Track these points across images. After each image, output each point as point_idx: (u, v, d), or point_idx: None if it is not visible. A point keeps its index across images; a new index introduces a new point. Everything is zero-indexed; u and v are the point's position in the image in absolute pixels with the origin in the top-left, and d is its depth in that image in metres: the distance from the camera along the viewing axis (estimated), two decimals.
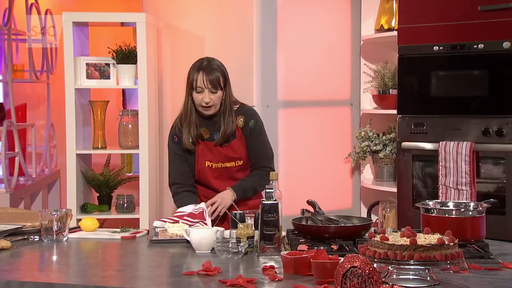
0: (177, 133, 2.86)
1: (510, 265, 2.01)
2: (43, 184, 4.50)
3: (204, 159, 2.81)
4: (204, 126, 2.81)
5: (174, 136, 2.87)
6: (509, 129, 3.23)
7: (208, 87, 2.72)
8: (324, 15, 3.97)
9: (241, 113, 2.83)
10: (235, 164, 2.82)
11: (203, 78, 2.71)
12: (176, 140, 2.86)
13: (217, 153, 2.80)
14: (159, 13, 4.00)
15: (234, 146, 2.80)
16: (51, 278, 2.01)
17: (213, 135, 2.80)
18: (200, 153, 2.82)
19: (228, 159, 2.80)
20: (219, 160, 2.80)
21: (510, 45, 3.21)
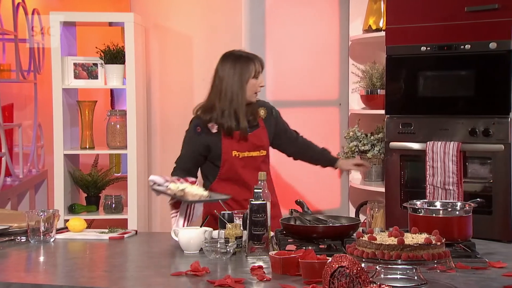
0: (200, 123, 2.85)
1: (496, 264, 2.03)
2: (30, 184, 4.47)
3: (232, 148, 2.82)
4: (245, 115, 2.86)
5: (198, 126, 2.86)
6: (496, 129, 3.25)
7: (261, 71, 2.85)
8: (312, 15, 3.98)
9: (260, 105, 2.93)
10: (260, 153, 2.88)
11: (257, 64, 2.84)
12: (199, 131, 2.85)
13: (243, 142, 2.83)
14: (147, 13, 3.99)
15: (258, 135, 2.87)
16: (38, 279, 2.00)
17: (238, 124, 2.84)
18: (227, 144, 2.82)
19: (253, 147, 2.85)
20: (246, 149, 2.84)
21: (496, 46, 3.23)
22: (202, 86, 4.01)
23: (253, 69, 2.82)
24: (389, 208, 3.51)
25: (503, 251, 2.27)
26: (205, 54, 3.95)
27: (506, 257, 2.15)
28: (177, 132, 4.02)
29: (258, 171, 2.76)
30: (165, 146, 4.03)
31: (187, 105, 4.00)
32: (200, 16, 3.93)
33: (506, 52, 3.22)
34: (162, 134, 4.03)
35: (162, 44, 4.00)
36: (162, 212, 4.04)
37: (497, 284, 1.82)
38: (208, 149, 2.84)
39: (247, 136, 2.83)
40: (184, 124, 4.01)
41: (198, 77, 3.99)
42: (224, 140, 2.82)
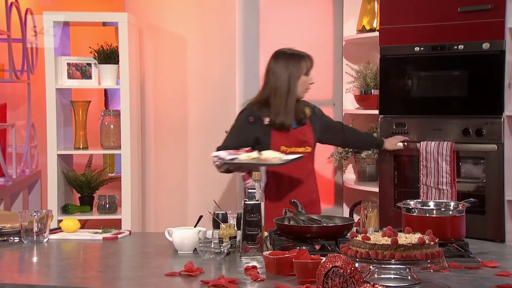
0: (254, 114, 2.90)
1: (489, 264, 2.04)
2: (23, 185, 4.45)
3: (280, 143, 2.88)
4: None
5: (251, 116, 2.91)
6: (489, 129, 3.26)
7: (311, 68, 2.97)
8: (306, 15, 3.98)
9: (305, 104, 3.03)
10: (305, 149, 2.93)
11: (308, 61, 2.96)
12: (251, 121, 2.91)
13: (290, 137, 2.91)
14: (141, 13, 3.98)
15: (304, 132, 2.96)
16: (31, 280, 2.00)
17: None
18: (276, 137, 2.89)
19: (299, 143, 2.93)
20: (293, 144, 2.91)
21: (489, 46, 3.25)
22: (196, 86, 4.02)
23: (305, 66, 2.94)
24: (383, 208, 3.52)
25: (496, 251, 2.28)
26: (199, 54, 3.95)
27: (499, 257, 2.16)
28: (171, 131, 4.04)
29: (302, 167, 2.93)
30: (159, 145, 4.03)
31: (181, 105, 4.01)
32: (194, 16, 3.93)
33: (499, 53, 3.23)
34: (156, 134, 4.03)
35: (156, 44, 4.00)
36: (156, 212, 4.03)
37: (490, 284, 1.83)
38: (257, 140, 2.90)
39: (294, 131, 2.92)
40: (178, 123, 4.02)
41: (192, 77, 3.99)
42: (273, 133, 2.89)
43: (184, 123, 4.00)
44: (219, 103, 3.96)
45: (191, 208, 3.96)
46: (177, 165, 4.00)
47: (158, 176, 4.02)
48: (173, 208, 3.98)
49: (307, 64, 2.96)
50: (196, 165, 3.99)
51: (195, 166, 3.99)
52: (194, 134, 4.00)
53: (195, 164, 3.99)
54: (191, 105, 3.99)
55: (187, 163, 4.00)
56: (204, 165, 3.99)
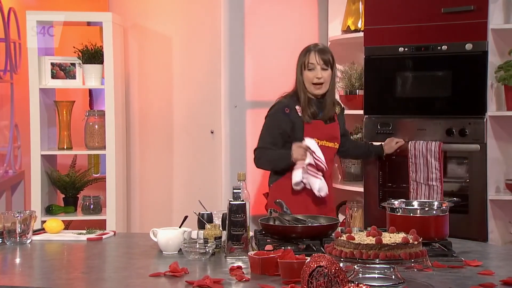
0: (289, 105, 2.95)
1: (472, 263, 2.05)
2: (6, 185, 4.41)
3: (313, 135, 2.90)
4: (313, 105, 2.98)
5: (286, 107, 2.96)
6: (472, 129, 3.29)
7: (320, 63, 2.93)
8: (291, 16, 3.99)
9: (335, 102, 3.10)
10: (334, 145, 3.01)
11: (316, 55, 2.93)
12: (287, 112, 2.95)
13: (323, 131, 2.96)
14: (125, 13, 3.97)
15: (334, 128, 3.02)
16: (14, 281, 1.98)
17: (319, 114, 2.97)
18: (309, 130, 2.92)
19: (331, 138, 2.99)
20: (325, 138, 2.96)
21: (472, 47, 3.27)
22: (181, 86, 4.01)
23: (304, 60, 2.94)
24: (368, 207, 3.54)
25: (478, 250, 2.30)
26: (184, 54, 3.94)
27: (481, 256, 2.18)
28: (156, 131, 4.02)
29: (331, 162, 3.01)
30: (144, 146, 4.01)
31: (166, 105, 3.99)
32: (179, 16, 3.92)
33: (482, 53, 3.26)
34: (141, 134, 4.01)
35: (140, 44, 3.98)
36: (141, 213, 4.02)
37: (472, 283, 1.84)
38: (293, 129, 2.93)
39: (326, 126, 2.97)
40: (163, 123, 4.01)
41: (177, 77, 3.98)
42: (306, 125, 2.94)
43: (169, 123, 3.99)
44: (204, 102, 3.95)
45: (176, 209, 3.95)
46: (162, 166, 3.99)
47: (143, 177, 4.00)
48: (158, 209, 3.97)
49: (308, 58, 2.94)
50: (181, 165, 3.98)
51: (180, 166, 3.98)
52: (179, 134, 3.99)
53: (180, 164, 3.98)
54: (176, 105, 3.98)
55: (172, 163, 3.99)
56: (189, 165, 3.99)
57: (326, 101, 2.98)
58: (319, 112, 2.98)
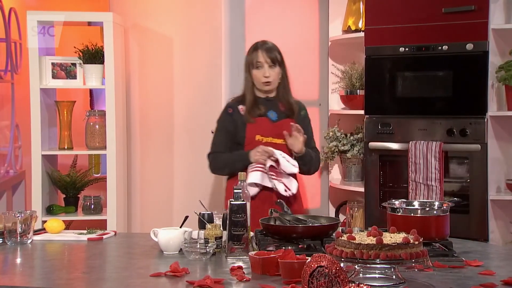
0: (232, 105, 2.98)
1: (473, 263, 2.05)
2: (7, 185, 4.41)
3: (255, 132, 2.90)
4: (260, 104, 2.95)
5: (229, 108, 2.99)
6: (473, 129, 3.29)
7: (267, 62, 2.91)
8: (292, 16, 3.99)
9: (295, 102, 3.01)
10: (283, 142, 2.92)
11: (263, 54, 2.92)
12: (230, 112, 2.97)
13: (268, 128, 2.92)
14: (126, 13, 3.97)
15: (286, 124, 2.92)
16: (15, 281, 1.98)
17: (267, 112, 2.94)
18: (251, 128, 2.91)
19: (278, 135, 2.91)
20: (270, 134, 2.92)
21: (473, 47, 3.28)
22: (182, 87, 4.01)
23: (252, 59, 2.93)
24: (368, 207, 3.54)
25: (479, 250, 2.30)
26: (185, 54, 3.94)
27: (482, 256, 2.18)
28: (157, 132, 4.02)
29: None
30: (144, 146, 4.01)
31: (166, 105, 3.99)
32: (180, 16, 3.92)
33: (483, 53, 3.27)
34: (141, 134, 4.01)
35: (141, 44, 3.98)
36: (142, 213, 4.02)
37: (473, 283, 1.84)
38: (236, 128, 2.94)
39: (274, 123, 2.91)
40: (164, 123, 4.01)
41: (177, 77, 3.98)
42: (248, 125, 2.92)
43: (169, 123, 3.99)
44: (204, 102, 3.95)
45: (177, 209, 3.95)
46: (163, 166, 3.99)
47: (144, 177, 4.00)
48: (158, 209, 3.97)
49: (256, 56, 2.93)
50: (182, 165, 3.98)
51: (181, 166, 3.98)
52: (180, 134, 3.99)
53: (181, 164, 3.98)
54: (176, 105, 3.98)
55: (173, 163, 3.99)
56: (190, 165, 3.98)
57: (280, 100, 2.96)
58: (266, 111, 2.94)
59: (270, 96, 2.98)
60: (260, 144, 2.89)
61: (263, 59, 2.92)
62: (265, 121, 2.94)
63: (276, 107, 2.97)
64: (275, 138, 2.93)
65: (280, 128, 2.93)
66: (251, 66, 2.94)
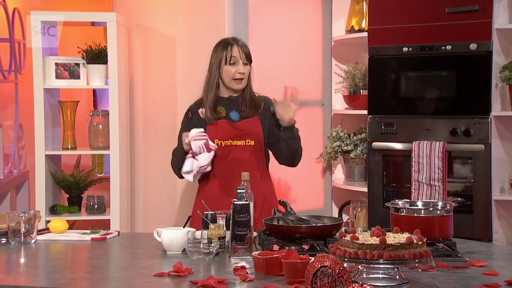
0: (192, 109, 2.88)
1: (476, 263, 2.05)
2: (11, 185, 4.42)
3: (213, 137, 2.76)
4: (222, 105, 2.83)
5: (189, 112, 2.89)
6: (476, 129, 3.29)
7: (242, 58, 2.79)
8: (295, 15, 3.99)
9: (260, 99, 2.88)
10: (245, 143, 2.80)
11: (239, 50, 2.79)
12: (189, 116, 2.88)
13: (227, 131, 2.79)
14: (129, 13, 3.97)
15: (247, 124, 2.80)
16: (19, 281, 1.98)
17: (229, 113, 2.82)
18: (210, 131, 2.77)
19: (238, 136, 2.79)
20: (229, 137, 2.79)
21: (476, 47, 3.27)
22: (185, 87, 4.01)
23: (225, 55, 2.78)
24: (372, 207, 3.54)
25: (483, 250, 2.29)
26: (188, 54, 3.94)
27: (486, 256, 2.18)
28: (160, 132, 4.02)
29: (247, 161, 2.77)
30: (148, 146, 4.01)
31: (170, 105, 4.00)
32: (183, 16, 3.92)
33: (486, 53, 3.26)
34: (145, 134, 4.02)
35: (144, 44, 3.98)
36: (145, 213, 4.02)
37: (477, 283, 1.84)
38: None
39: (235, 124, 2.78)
40: (167, 123, 4.01)
41: (181, 77, 3.98)
42: (208, 127, 2.79)
43: (173, 123, 3.99)
44: None
45: (180, 209, 3.95)
46: (166, 166, 3.98)
47: (147, 177, 4.00)
48: (162, 209, 3.97)
49: (230, 51, 2.78)
50: None
51: None
52: None
53: None
54: (180, 105, 3.98)
55: None
56: None
57: (244, 99, 2.81)
58: (228, 112, 2.81)
59: (233, 96, 2.84)
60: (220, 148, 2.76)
61: (238, 54, 2.77)
62: (224, 123, 2.79)
63: (238, 106, 2.82)
64: (234, 140, 2.79)
65: (240, 129, 2.79)
66: (223, 62, 2.78)
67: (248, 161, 2.79)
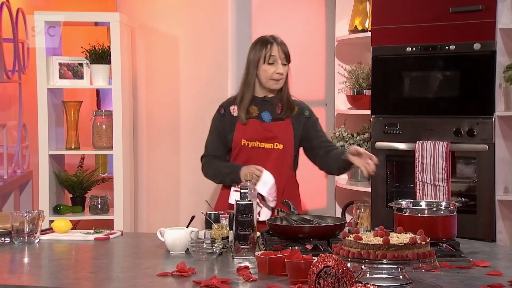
0: (224, 106, 2.81)
1: (480, 264, 2.05)
2: (15, 185, 4.43)
3: (242, 136, 2.72)
4: (255, 104, 2.77)
5: (221, 108, 2.82)
6: (480, 129, 3.28)
7: (281, 58, 2.72)
8: (298, 15, 3.99)
9: (296, 103, 2.81)
10: (273, 146, 2.73)
11: (278, 49, 2.72)
12: (222, 113, 2.80)
13: (257, 131, 2.73)
14: (133, 13, 3.97)
15: (278, 127, 2.73)
16: (22, 281, 1.99)
17: (261, 113, 2.75)
18: (239, 132, 2.74)
19: (267, 138, 2.72)
20: (258, 139, 2.72)
21: (480, 47, 3.26)
22: (188, 86, 4.01)
23: (264, 54, 2.71)
24: (375, 208, 3.53)
25: (487, 250, 2.29)
26: (191, 54, 3.95)
27: (490, 256, 2.17)
28: (164, 132, 4.03)
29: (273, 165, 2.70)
30: (151, 146, 4.02)
31: (173, 105, 4.00)
32: (186, 16, 3.92)
33: (490, 53, 3.25)
34: (148, 134, 4.02)
35: (148, 44, 3.99)
36: (148, 213, 4.02)
37: (481, 283, 1.83)
38: (227, 130, 2.78)
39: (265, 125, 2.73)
40: (171, 123, 4.01)
41: (184, 77, 3.98)
42: (238, 126, 2.75)
43: (176, 123, 4.00)
44: (211, 103, 3.94)
45: (183, 209, 3.95)
46: (170, 165, 3.99)
47: (150, 177, 4.01)
48: (165, 209, 3.98)
49: (269, 51, 2.70)
50: (188, 165, 3.98)
51: (187, 166, 3.98)
52: (187, 134, 3.99)
53: (187, 164, 3.98)
54: (183, 105, 3.99)
55: (180, 163, 3.99)
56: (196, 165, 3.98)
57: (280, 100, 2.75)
58: (260, 112, 2.75)
59: (268, 96, 2.79)
60: (246, 149, 2.73)
61: (277, 54, 2.71)
62: (255, 123, 2.74)
63: (272, 107, 2.77)
64: (262, 142, 2.73)
65: (270, 131, 2.74)
66: (261, 60, 2.71)
67: (274, 165, 2.72)
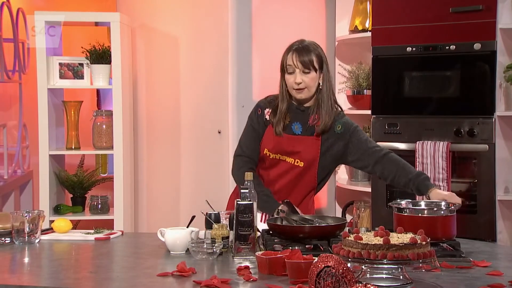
0: (261, 106, 2.63)
1: (480, 263, 2.05)
2: (15, 185, 4.43)
3: (266, 145, 2.60)
4: (290, 112, 2.59)
5: (259, 108, 2.64)
6: (480, 129, 3.28)
7: (299, 67, 2.52)
8: (299, 15, 3.99)
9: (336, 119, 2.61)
10: (294, 162, 2.58)
11: (293, 57, 2.54)
12: (259, 113, 2.62)
13: (280, 143, 2.58)
14: (133, 13, 3.98)
15: (305, 142, 2.57)
16: (22, 281, 1.99)
17: (292, 124, 2.58)
18: (266, 138, 2.61)
19: (288, 153, 2.57)
20: (279, 151, 2.58)
21: (480, 47, 3.26)
22: (188, 86, 4.02)
23: (281, 62, 2.57)
24: (375, 208, 3.53)
25: (487, 250, 2.29)
26: (191, 54, 3.95)
27: (490, 256, 2.17)
28: (164, 131, 4.03)
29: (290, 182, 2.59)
30: (151, 146, 4.02)
31: (173, 105, 4.00)
32: (187, 16, 3.93)
33: (490, 53, 3.25)
34: (148, 134, 4.02)
35: (148, 44, 3.99)
36: (149, 213, 4.03)
37: (481, 283, 1.83)
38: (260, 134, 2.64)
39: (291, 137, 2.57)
40: (171, 123, 4.02)
41: (184, 77, 3.99)
42: (267, 131, 2.61)
43: (176, 123, 4.00)
44: (211, 103, 3.96)
45: (184, 208, 3.95)
46: (170, 165, 4.00)
47: (151, 176, 4.01)
48: (165, 209, 3.98)
49: (288, 59, 2.55)
50: (188, 165, 3.99)
51: (187, 166, 3.99)
52: (187, 134, 3.99)
53: (187, 164, 3.99)
54: (183, 105, 3.99)
55: (180, 163, 4.00)
56: (197, 164, 3.99)
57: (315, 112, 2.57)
58: (292, 122, 2.58)
59: (303, 106, 2.59)
60: (268, 159, 2.59)
61: (292, 63, 2.53)
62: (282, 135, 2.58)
63: (304, 119, 2.58)
64: (284, 155, 2.58)
65: (294, 146, 2.57)
66: (282, 72, 2.58)
67: (291, 181, 2.61)
